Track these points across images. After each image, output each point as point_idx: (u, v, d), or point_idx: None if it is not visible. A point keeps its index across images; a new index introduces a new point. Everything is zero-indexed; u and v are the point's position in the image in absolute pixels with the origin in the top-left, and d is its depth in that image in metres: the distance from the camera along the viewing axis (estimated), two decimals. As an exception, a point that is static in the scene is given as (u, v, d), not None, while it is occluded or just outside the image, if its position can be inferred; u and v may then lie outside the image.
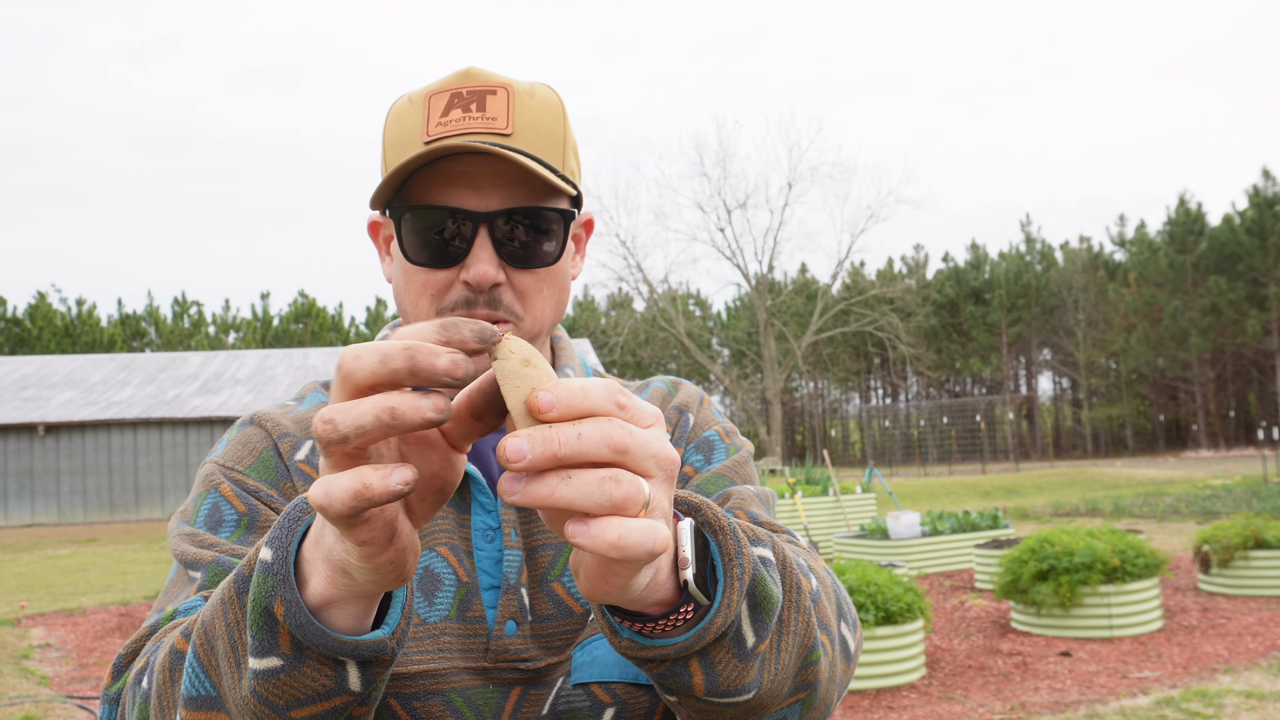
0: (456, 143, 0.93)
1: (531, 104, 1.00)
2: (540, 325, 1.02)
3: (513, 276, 0.99)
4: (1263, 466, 25.82)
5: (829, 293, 44.22)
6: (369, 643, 0.65)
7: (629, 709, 0.97)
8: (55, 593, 12.87)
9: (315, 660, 0.65)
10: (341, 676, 0.66)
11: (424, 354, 0.56)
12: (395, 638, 0.67)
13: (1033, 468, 41.73)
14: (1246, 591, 8.92)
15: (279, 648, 0.65)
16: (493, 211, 0.96)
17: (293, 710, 0.67)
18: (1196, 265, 60.63)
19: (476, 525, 0.99)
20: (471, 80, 0.99)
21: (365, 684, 0.67)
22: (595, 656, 0.97)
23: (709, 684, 0.72)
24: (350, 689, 0.67)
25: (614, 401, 0.58)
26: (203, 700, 0.73)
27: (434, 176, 0.96)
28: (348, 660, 0.65)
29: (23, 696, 7.09)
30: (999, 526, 12.26)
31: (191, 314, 70.63)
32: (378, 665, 0.67)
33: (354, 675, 0.66)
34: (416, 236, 0.97)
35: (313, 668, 0.66)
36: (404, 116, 1.01)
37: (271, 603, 0.65)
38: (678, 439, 1.11)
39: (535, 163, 0.96)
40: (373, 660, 0.66)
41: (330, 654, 0.65)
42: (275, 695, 0.67)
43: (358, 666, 0.66)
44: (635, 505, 0.57)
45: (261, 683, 0.67)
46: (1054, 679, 6.49)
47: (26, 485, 28.47)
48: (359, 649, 0.65)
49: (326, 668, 0.66)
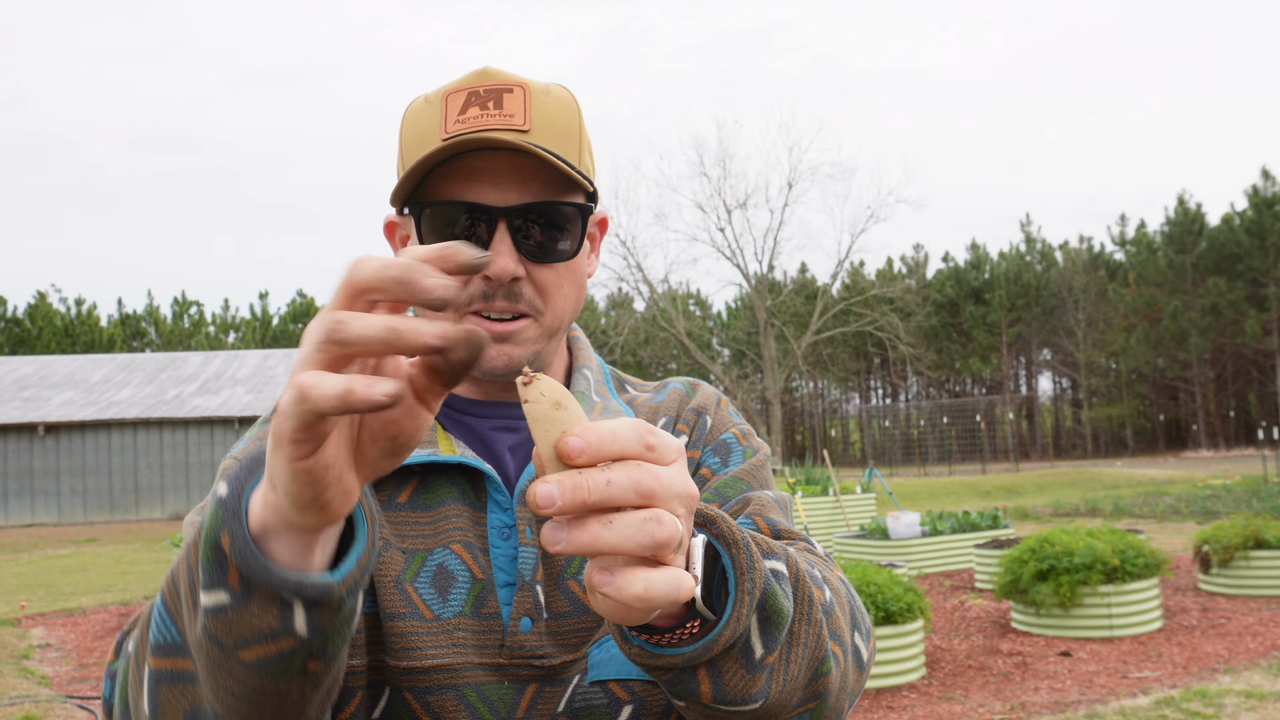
0: (477, 137, 0.94)
1: (548, 102, 1.01)
2: (559, 320, 1.03)
3: (532, 271, 0.99)
4: (1263, 466, 25.82)
5: (829, 293, 44.22)
6: (314, 584, 0.64)
7: (646, 707, 0.97)
8: (55, 593, 12.87)
9: (262, 598, 0.64)
10: (287, 617, 0.65)
11: (418, 271, 0.57)
12: (344, 585, 0.66)
13: (1033, 468, 41.73)
14: (1246, 591, 8.92)
15: (227, 582, 0.64)
16: (512, 206, 0.97)
17: (241, 650, 0.66)
18: (1196, 265, 60.63)
19: (492, 523, 0.99)
20: (488, 79, 1.00)
21: (311, 629, 0.66)
22: (613, 654, 0.97)
23: (716, 692, 0.73)
24: (296, 631, 0.65)
25: (643, 444, 0.60)
26: (168, 647, 0.73)
27: (453, 172, 0.97)
28: (293, 600, 0.64)
29: (23, 696, 7.09)
30: (999, 526, 12.26)
31: (191, 314, 70.65)
32: (324, 609, 0.66)
33: (300, 618, 0.65)
34: (436, 232, 0.98)
35: (259, 605, 0.64)
36: (421, 116, 1.01)
37: (219, 534, 0.64)
38: (695, 441, 1.11)
39: (554, 157, 0.97)
40: (319, 603, 0.65)
41: (274, 589, 0.64)
42: (224, 633, 0.66)
43: (304, 608, 0.65)
44: (674, 544, 0.58)
45: (211, 619, 0.66)
46: (1054, 679, 6.49)
47: (26, 485, 28.47)
48: (303, 588, 0.64)
49: (273, 606, 0.64)
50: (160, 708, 0.74)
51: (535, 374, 0.61)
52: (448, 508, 0.99)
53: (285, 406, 0.57)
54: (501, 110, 0.98)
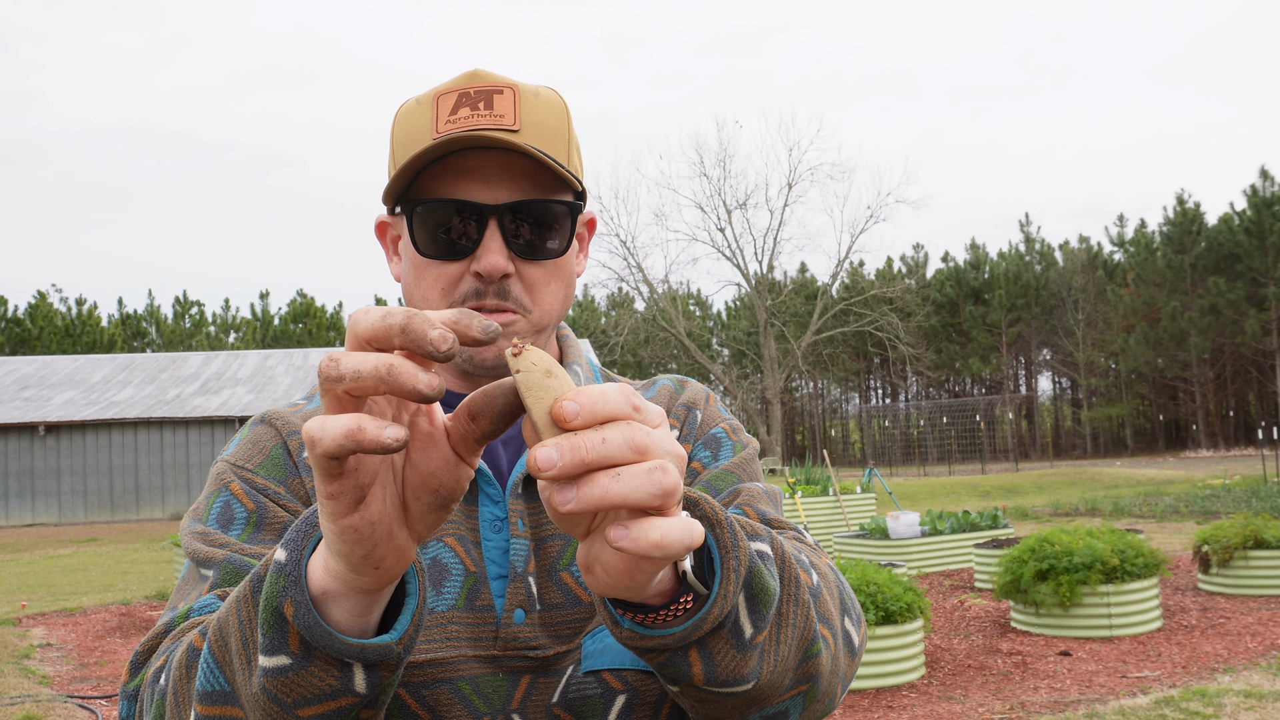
0: (468, 135, 0.95)
1: (537, 104, 1.02)
2: (548, 317, 1.04)
3: (521, 269, 1.01)
4: (1262, 466, 25.82)
5: (829, 293, 44.20)
6: (374, 646, 0.67)
7: (640, 696, 0.98)
8: (56, 592, 12.87)
9: (323, 661, 0.67)
10: (348, 678, 0.68)
11: (420, 320, 0.58)
12: (402, 643, 0.69)
13: (1032, 468, 41.72)
14: (1246, 591, 8.92)
15: (288, 647, 0.67)
16: (502, 204, 0.99)
17: (300, 709, 0.69)
18: (1195, 265, 60.60)
19: (484, 516, 1.00)
20: (478, 81, 1.01)
21: (371, 687, 0.69)
22: (606, 644, 0.98)
23: (708, 673, 0.75)
24: (356, 690, 0.68)
25: (631, 405, 0.60)
26: (217, 695, 0.75)
27: (444, 171, 0.99)
28: (354, 662, 0.67)
29: (23, 696, 7.10)
30: (999, 526, 12.27)
31: (192, 314, 70.61)
32: (383, 669, 0.68)
33: (360, 677, 0.68)
34: (428, 230, 1.00)
35: (320, 668, 0.67)
36: (412, 117, 1.02)
37: (282, 603, 0.67)
38: (685, 435, 1.12)
39: (544, 156, 0.98)
40: (378, 664, 0.68)
41: (336, 655, 0.67)
42: (283, 693, 0.69)
43: (364, 669, 0.68)
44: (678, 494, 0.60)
45: (271, 680, 0.69)
46: (1054, 679, 6.50)
47: (27, 485, 28.46)
48: (365, 652, 0.67)
49: (333, 669, 0.67)
50: None
51: (524, 344, 0.61)
52: None
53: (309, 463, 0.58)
54: (492, 111, 0.99)
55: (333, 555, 0.64)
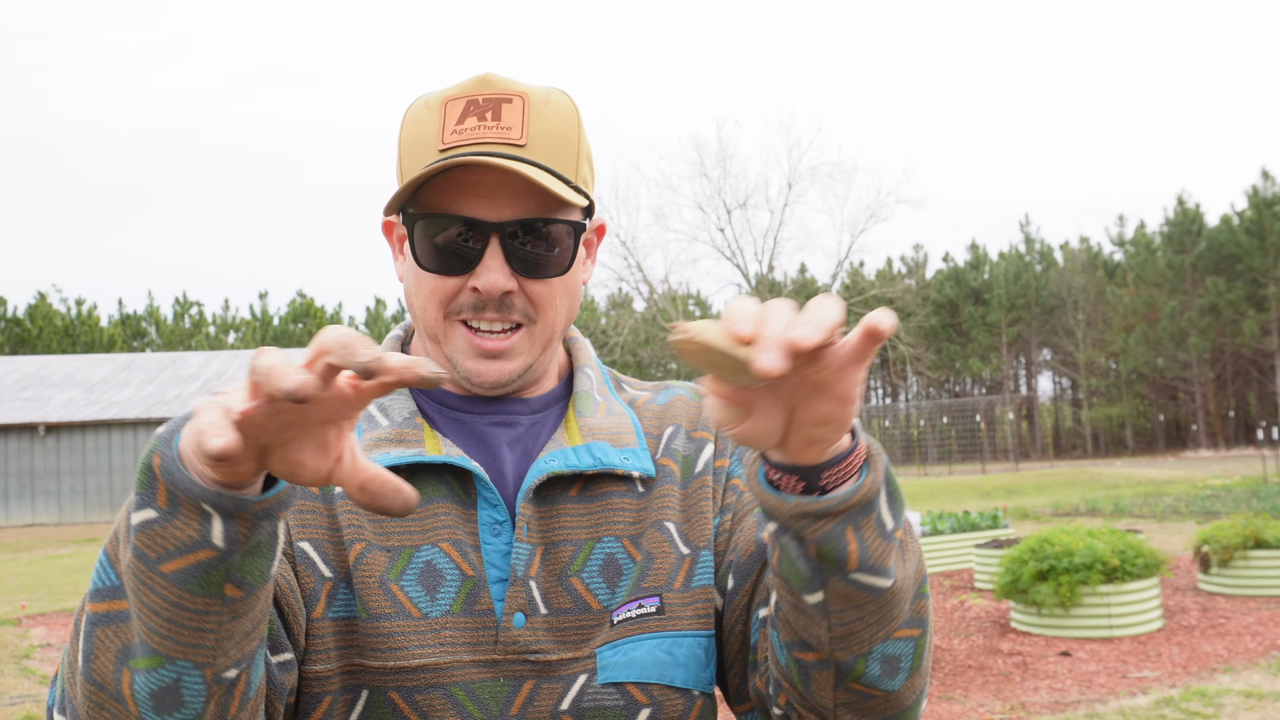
0: (469, 157, 0.95)
1: (546, 112, 1.01)
2: (552, 330, 1.04)
3: (525, 284, 1.01)
4: (1262, 466, 25.83)
5: (829, 293, 44.22)
6: (230, 495, 0.70)
7: (664, 710, 0.99)
8: (56, 592, 12.88)
9: (185, 510, 0.70)
10: (206, 528, 0.70)
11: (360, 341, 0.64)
12: (261, 504, 0.71)
13: (1033, 468, 41.74)
14: (1246, 591, 8.92)
15: (156, 501, 0.71)
16: (504, 222, 0.98)
17: (164, 563, 0.72)
18: (1195, 265, 60.63)
19: (483, 520, 1.00)
20: (488, 87, 1.00)
21: (228, 540, 0.71)
22: (633, 658, 0.99)
23: (862, 554, 0.81)
24: (213, 542, 0.71)
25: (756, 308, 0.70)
26: (106, 591, 0.78)
27: (447, 185, 0.98)
28: (212, 512, 0.70)
29: (23, 696, 7.10)
30: (999, 526, 12.27)
31: (192, 314, 70.63)
32: (240, 521, 0.71)
33: (217, 528, 0.71)
34: (428, 243, 0.99)
35: (183, 519, 0.71)
36: (420, 121, 1.02)
37: (151, 458, 0.72)
38: (721, 450, 1.12)
39: (547, 174, 0.97)
40: (235, 514, 0.70)
41: (195, 500, 0.70)
42: (149, 548, 0.72)
43: (221, 519, 0.70)
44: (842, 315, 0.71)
45: (139, 536, 0.72)
46: (1054, 679, 6.50)
47: (27, 485, 28.47)
48: (220, 498, 0.70)
49: (195, 518, 0.70)
50: (94, 650, 0.78)
51: (681, 329, 0.70)
52: (436, 505, 1.00)
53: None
54: (499, 122, 0.99)
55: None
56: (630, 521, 1.04)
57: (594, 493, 1.04)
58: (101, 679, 0.77)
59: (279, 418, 0.66)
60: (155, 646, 0.75)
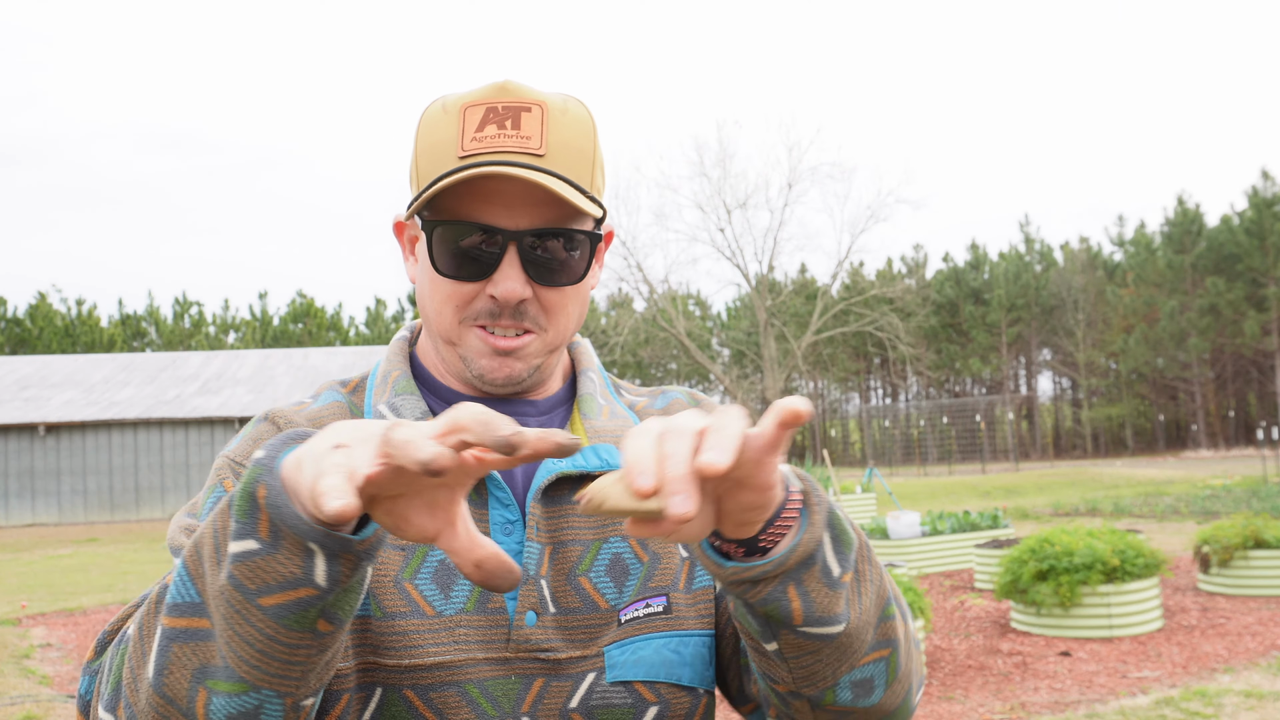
0: (491, 168, 0.95)
1: (565, 122, 1.01)
2: (562, 337, 1.06)
3: (539, 292, 1.02)
4: (1262, 466, 25.84)
5: (829, 293, 44.19)
6: (336, 535, 0.69)
7: (671, 709, 1.00)
8: (56, 592, 12.88)
9: (289, 545, 0.70)
10: (310, 566, 0.70)
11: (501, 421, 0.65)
12: (364, 544, 0.71)
13: (1033, 468, 41.74)
14: (1246, 591, 8.92)
15: (258, 532, 0.70)
16: (522, 230, 0.99)
17: (262, 596, 0.71)
18: (1195, 266, 60.65)
19: (494, 519, 1.01)
20: (507, 95, 1.01)
21: (330, 579, 0.71)
22: (640, 657, 1.00)
23: (806, 609, 0.81)
24: (316, 580, 0.70)
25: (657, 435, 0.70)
26: (186, 607, 0.77)
27: (466, 191, 0.99)
28: (316, 550, 0.69)
29: (23, 696, 7.10)
30: (999, 526, 12.27)
31: (192, 314, 70.61)
32: (343, 562, 0.70)
33: (320, 566, 0.70)
34: (446, 249, 1.00)
35: (285, 554, 0.70)
36: (438, 126, 1.02)
37: (256, 487, 0.70)
38: None
39: (566, 184, 0.98)
40: (339, 554, 0.70)
41: (301, 537, 0.69)
42: (248, 579, 0.71)
43: (325, 558, 0.70)
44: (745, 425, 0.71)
45: (237, 565, 0.71)
46: (1054, 679, 6.50)
47: (27, 485, 28.47)
48: (328, 538, 0.69)
49: (297, 555, 0.70)
50: (168, 665, 0.77)
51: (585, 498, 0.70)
52: None
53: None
54: (519, 131, 0.99)
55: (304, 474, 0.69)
56: None
57: None
58: (173, 694, 0.77)
59: (399, 482, 0.67)
60: (242, 674, 0.74)
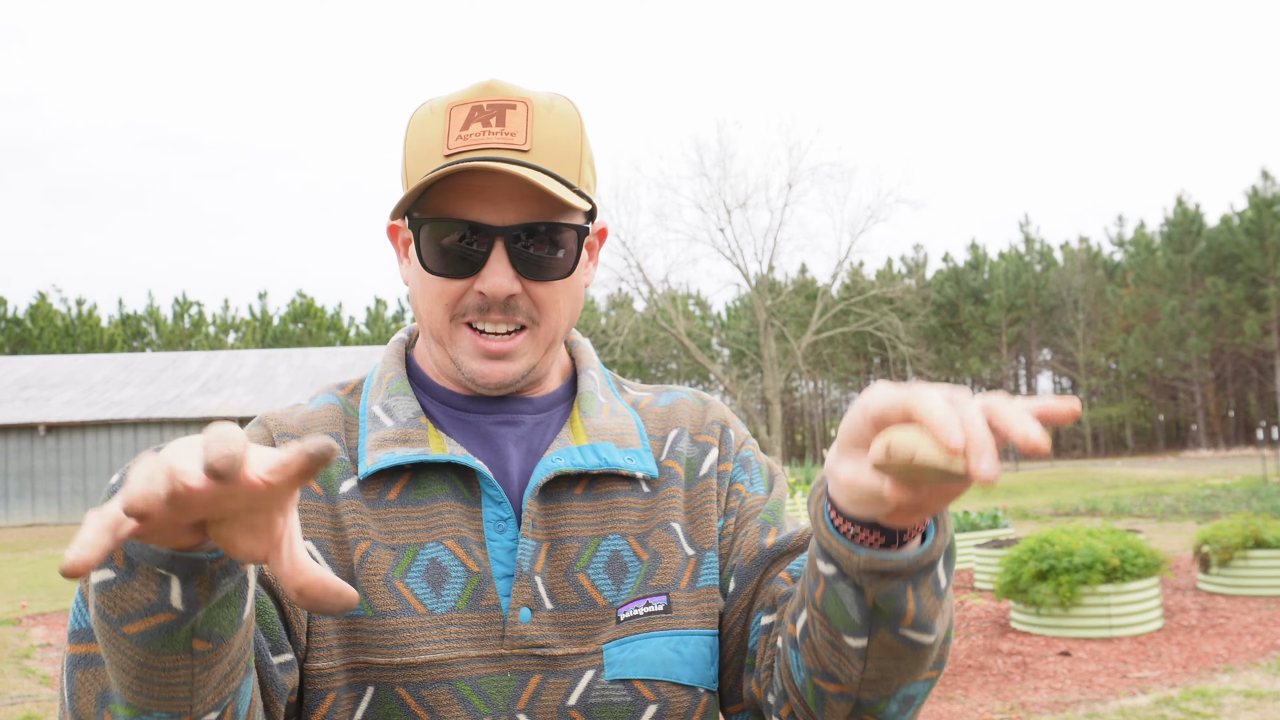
0: (475, 163, 0.96)
1: (550, 119, 1.02)
2: (555, 332, 1.06)
3: (529, 287, 1.02)
4: (1262, 466, 25.85)
5: (829, 293, 44.19)
6: (187, 558, 0.69)
7: (670, 707, 1.00)
8: (56, 592, 12.88)
9: (143, 573, 0.69)
10: (165, 591, 0.69)
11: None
12: (219, 562, 0.70)
13: (1032, 468, 41.76)
14: (1246, 591, 8.92)
15: (113, 560, 0.70)
16: (509, 226, 0.99)
17: (125, 624, 0.71)
18: (1195, 266, 60.69)
19: (488, 517, 1.01)
20: (492, 94, 1.01)
21: (187, 603, 0.70)
22: (640, 655, 1.00)
23: (917, 611, 0.83)
24: (172, 605, 0.70)
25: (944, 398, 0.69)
26: (83, 633, 0.80)
27: (452, 189, 0.99)
28: (169, 574, 0.69)
29: (23, 696, 7.10)
30: (999, 526, 12.27)
31: (192, 314, 70.67)
32: (199, 584, 0.70)
33: (176, 591, 0.69)
34: (434, 247, 1.00)
35: (141, 581, 0.69)
36: (425, 126, 1.03)
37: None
38: (725, 455, 1.13)
39: (551, 179, 0.99)
40: (192, 576, 0.69)
41: (150, 565, 0.69)
42: (109, 608, 0.71)
43: (180, 581, 0.69)
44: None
45: (99, 595, 0.71)
46: (1054, 679, 6.50)
47: (27, 485, 28.47)
48: (175, 561, 0.69)
49: (152, 581, 0.69)
50: (75, 691, 0.79)
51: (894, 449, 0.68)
52: (440, 504, 1.01)
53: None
54: (504, 128, 0.99)
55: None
56: (636, 520, 1.06)
57: (599, 491, 1.06)
58: (85, 718, 0.79)
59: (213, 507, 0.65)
60: (129, 700, 0.75)
